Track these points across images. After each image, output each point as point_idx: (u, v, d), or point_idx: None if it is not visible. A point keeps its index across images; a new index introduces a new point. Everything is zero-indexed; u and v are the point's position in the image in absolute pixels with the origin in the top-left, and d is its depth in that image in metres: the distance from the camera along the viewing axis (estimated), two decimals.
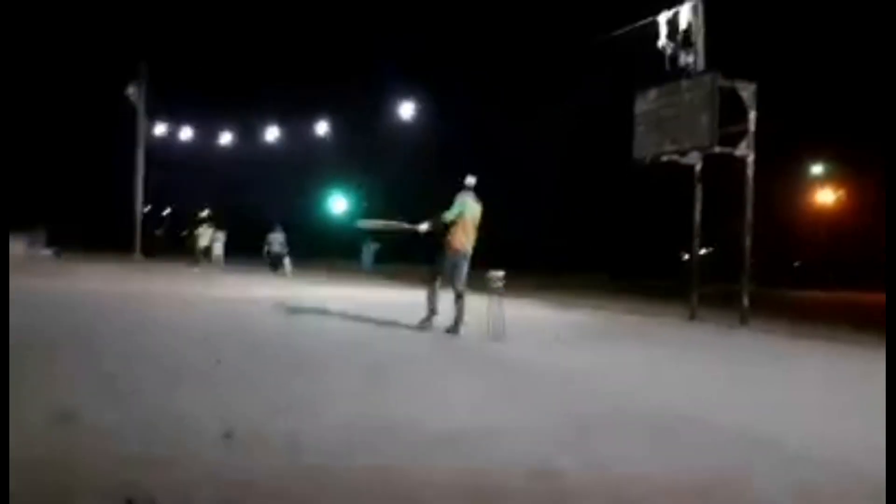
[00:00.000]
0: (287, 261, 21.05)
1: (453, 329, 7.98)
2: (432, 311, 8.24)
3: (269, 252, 21.50)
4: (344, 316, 9.89)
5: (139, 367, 5.10)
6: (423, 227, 8.33)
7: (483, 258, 8.61)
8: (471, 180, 8.35)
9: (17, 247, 25.67)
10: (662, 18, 12.21)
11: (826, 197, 44.49)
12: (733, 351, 8.49)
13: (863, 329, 11.36)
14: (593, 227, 60.61)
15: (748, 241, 11.78)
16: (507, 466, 3.19)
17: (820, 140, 40.90)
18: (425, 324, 8.20)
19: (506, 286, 8.34)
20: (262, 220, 23.84)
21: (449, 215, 8.10)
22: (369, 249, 30.00)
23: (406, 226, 8.49)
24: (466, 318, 8.07)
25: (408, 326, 8.56)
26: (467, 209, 8.17)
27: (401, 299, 13.19)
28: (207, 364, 5.32)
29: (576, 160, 58.87)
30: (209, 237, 18.08)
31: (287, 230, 21.86)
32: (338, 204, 50.44)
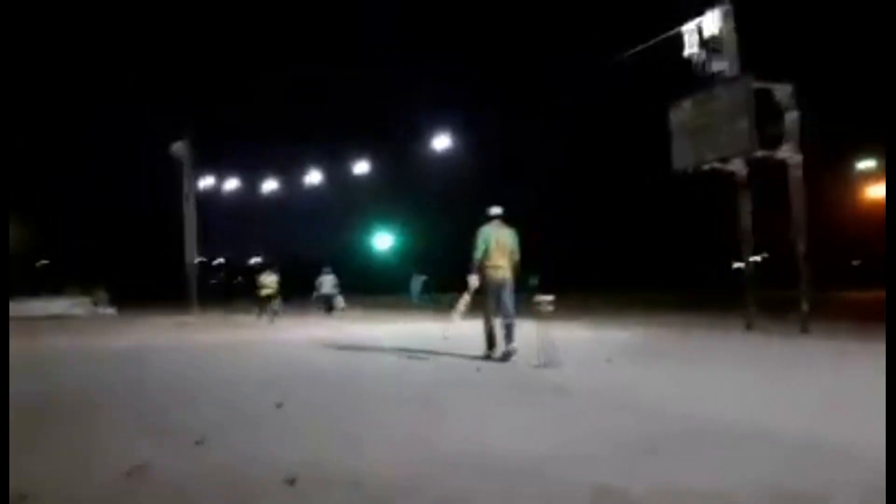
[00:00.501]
0: (339, 299, 21.68)
1: (506, 356, 8.21)
2: (490, 343, 8.57)
3: (320, 295, 21.98)
4: (400, 351, 9.95)
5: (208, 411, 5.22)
6: (473, 279, 8.58)
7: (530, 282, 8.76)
8: (495, 210, 8.71)
9: (79, 309, 26.67)
10: (688, 28, 12.16)
11: (879, 191, 43.05)
12: (794, 361, 8.23)
13: None
14: (641, 242, 59.86)
15: (801, 245, 11.49)
16: (571, 491, 3.17)
17: (868, 133, 39.79)
18: (488, 354, 8.52)
19: (554, 308, 8.30)
20: (310, 260, 24.36)
21: (476, 253, 8.45)
22: (418, 281, 30.26)
23: (471, 288, 8.71)
24: (517, 344, 8.20)
25: (461, 357, 8.59)
26: (490, 240, 8.48)
27: (454, 331, 13.21)
28: (269, 408, 5.43)
29: (616, 176, 58.48)
30: (273, 286, 18.68)
31: (336, 270, 22.40)
32: (382, 240, 50.99)
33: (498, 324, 8.52)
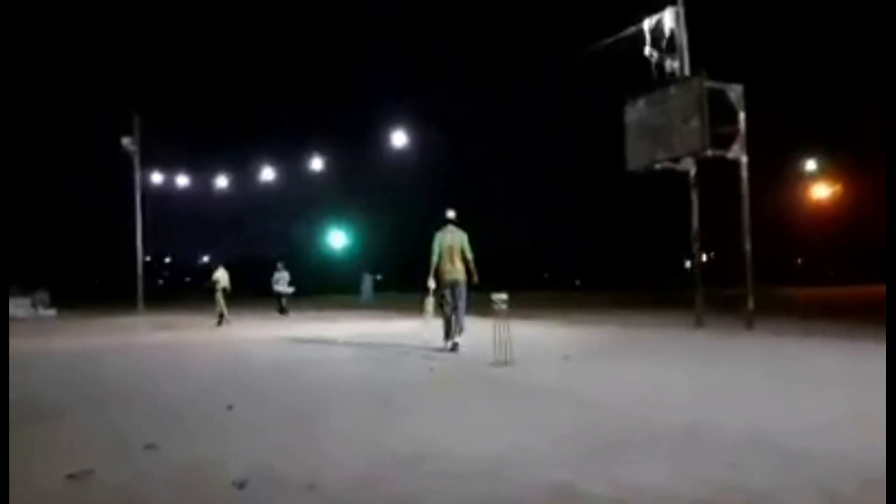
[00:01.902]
0: (284, 301, 20.51)
1: (453, 347, 9.07)
2: (446, 334, 9.29)
3: (277, 292, 20.67)
4: (353, 350, 9.85)
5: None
6: (431, 282, 9.40)
7: (484, 279, 9.05)
8: (448, 214, 9.47)
9: (20, 311, 25.69)
10: (646, 26, 12.32)
11: (821, 192, 44.51)
12: (740, 357, 8.40)
13: (864, 323, 11.33)
14: (592, 239, 60.72)
15: (748, 244, 11.75)
16: (527, 492, 3.14)
17: (812, 136, 41.15)
18: (445, 345, 9.20)
19: (510, 306, 8.31)
20: (263, 258, 23.78)
21: (432, 258, 9.31)
22: (368, 281, 29.99)
23: (430, 290, 9.48)
24: (473, 340, 8.83)
25: (416, 356, 8.55)
26: (442, 245, 9.28)
27: (405, 329, 13.15)
28: (221, 410, 5.29)
29: (570, 173, 59.23)
30: (226, 279, 17.61)
31: (289, 267, 21.22)
32: (336, 238, 50.58)
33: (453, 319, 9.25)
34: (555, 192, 61.05)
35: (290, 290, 20.68)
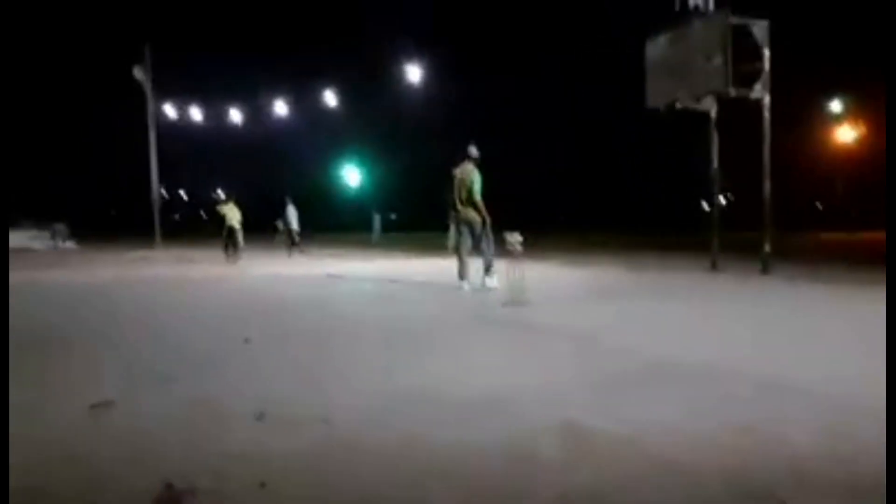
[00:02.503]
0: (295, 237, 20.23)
1: (460, 287, 9.14)
2: (460, 275, 9.30)
3: (287, 229, 20.44)
4: (364, 289, 9.94)
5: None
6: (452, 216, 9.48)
7: (499, 219, 9.02)
8: (470, 150, 9.36)
9: (38, 243, 26.04)
10: None
11: (846, 135, 43.57)
12: (754, 300, 8.40)
13: (876, 269, 11.22)
14: (609, 180, 60.16)
15: (767, 187, 11.57)
16: (537, 428, 3.19)
17: (837, 75, 40.00)
18: (459, 285, 9.22)
19: (525, 246, 8.31)
20: (276, 195, 23.57)
21: (448, 194, 9.38)
22: (378, 220, 29.88)
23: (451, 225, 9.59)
24: (471, 281, 9.11)
25: (428, 294, 8.62)
26: (454, 181, 9.28)
27: (415, 268, 13.22)
28: (238, 344, 5.39)
29: (587, 111, 58.21)
30: (236, 218, 17.34)
31: (297, 204, 20.83)
32: (351, 175, 50.41)
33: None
34: (573, 129, 60.12)
35: (291, 227, 20.31)
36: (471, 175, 9.17)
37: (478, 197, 9.13)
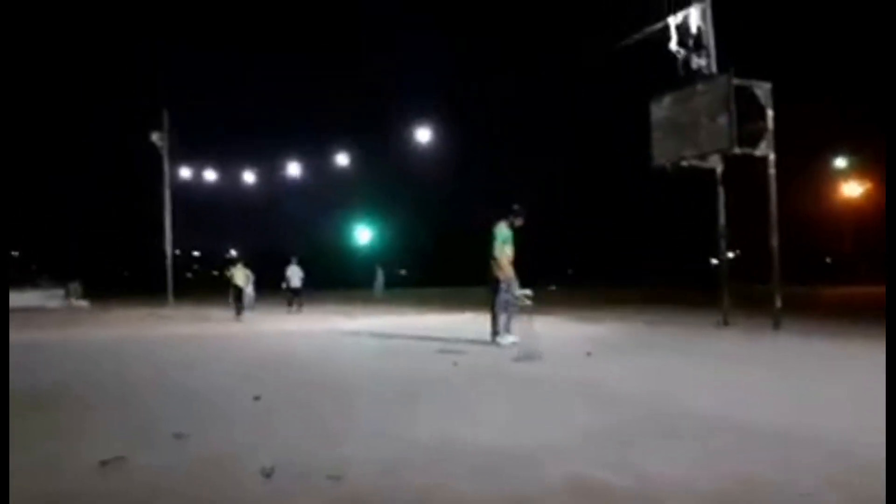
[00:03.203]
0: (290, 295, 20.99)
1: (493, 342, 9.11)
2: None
3: (289, 288, 21.21)
4: (374, 345, 9.94)
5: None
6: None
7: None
8: (513, 208, 9.25)
9: (53, 301, 26.32)
10: (672, 22, 12.22)
11: (852, 190, 43.74)
12: (766, 357, 8.35)
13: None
14: (618, 237, 60.33)
15: (775, 242, 11.63)
16: (547, 482, 3.18)
17: (841, 133, 40.44)
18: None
19: (534, 302, 8.35)
20: (286, 254, 23.91)
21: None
22: (381, 275, 29.73)
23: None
24: (502, 339, 8.90)
25: (438, 350, 8.62)
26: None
27: (425, 323, 13.23)
28: (247, 401, 5.40)
29: (595, 169, 58.85)
30: (243, 278, 18.09)
31: (303, 264, 21.64)
32: (362, 234, 50.84)
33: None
34: (581, 188, 60.70)
35: (301, 284, 21.11)
36: (495, 231, 9.12)
37: (497, 253, 9.03)
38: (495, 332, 9.18)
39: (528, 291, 8.44)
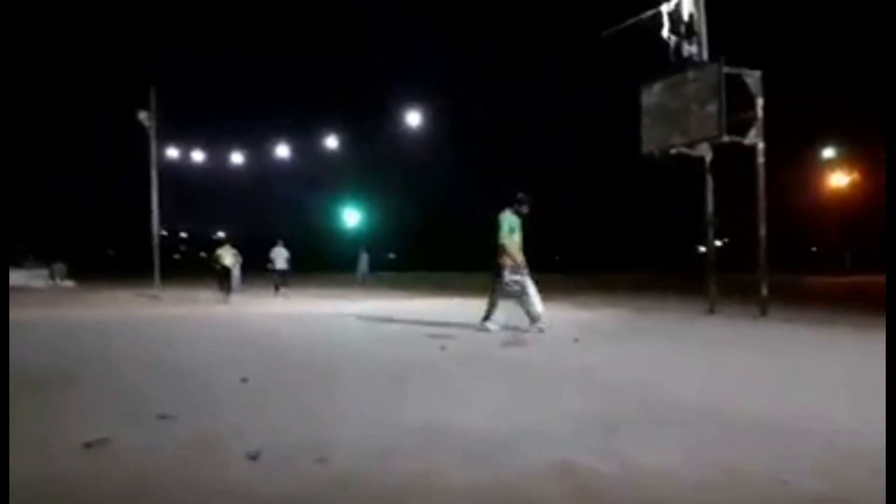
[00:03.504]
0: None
1: (480, 328, 9.14)
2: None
3: (275, 270, 20.92)
4: (360, 327, 9.94)
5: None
6: None
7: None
8: (519, 196, 9.18)
9: (38, 281, 26.12)
10: (665, 9, 12.18)
11: (839, 180, 44.04)
12: (752, 344, 8.42)
13: (877, 313, 11.25)
14: (606, 223, 60.53)
15: (763, 231, 11.70)
16: (535, 469, 3.20)
17: (830, 123, 40.62)
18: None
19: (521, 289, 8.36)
20: (273, 236, 23.78)
21: None
22: (364, 259, 29.44)
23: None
24: (492, 325, 8.93)
25: (424, 335, 8.63)
26: None
27: (413, 307, 13.23)
28: (234, 383, 5.39)
29: (584, 157, 58.94)
30: (231, 258, 17.92)
31: (289, 246, 21.33)
32: (350, 217, 50.67)
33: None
34: (569, 173, 60.75)
35: (288, 266, 20.82)
36: (500, 219, 9.08)
37: (505, 241, 8.99)
38: (486, 318, 9.20)
39: (515, 276, 8.47)
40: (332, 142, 26.57)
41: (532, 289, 8.92)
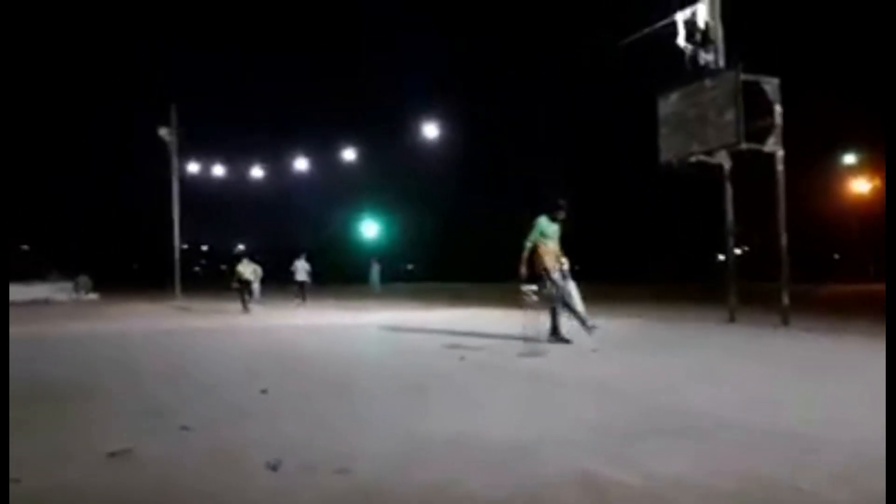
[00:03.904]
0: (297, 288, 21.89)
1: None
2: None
3: (295, 281, 22.01)
4: (380, 338, 9.98)
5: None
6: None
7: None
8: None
9: (62, 294, 26.48)
10: (680, 18, 12.18)
11: (861, 186, 43.49)
12: (773, 353, 8.33)
13: None
14: (624, 234, 60.20)
15: (784, 239, 11.59)
16: (553, 479, 3.20)
17: (850, 129, 40.19)
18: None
19: (538, 298, 8.36)
20: (294, 248, 24.29)
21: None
22: (376, 269, 29.85)
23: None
24: (504, 330, 8.37)
25: (443, 344, 8.63)
26: None
27: (429, 318, 13.23)
28: (255, 394, 5.43)
29: (602, 165, 58.74)
30: (251, 272, 18.59)
31: (310, 258, 22.51)
32: (369, 229, 50.85)
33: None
34: (588, 182, 60.56)
35: (308, 278, 21.99)
36: (535, 223, 8.84)
37: (532, 242, 8.73)
38: (555, 328, 8.82)
39: (532, 286, 8.45)
40: (349, 154, 26.75)
41: (574, 293, 8.67)
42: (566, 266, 8.81)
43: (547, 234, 8.82)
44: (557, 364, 7.07)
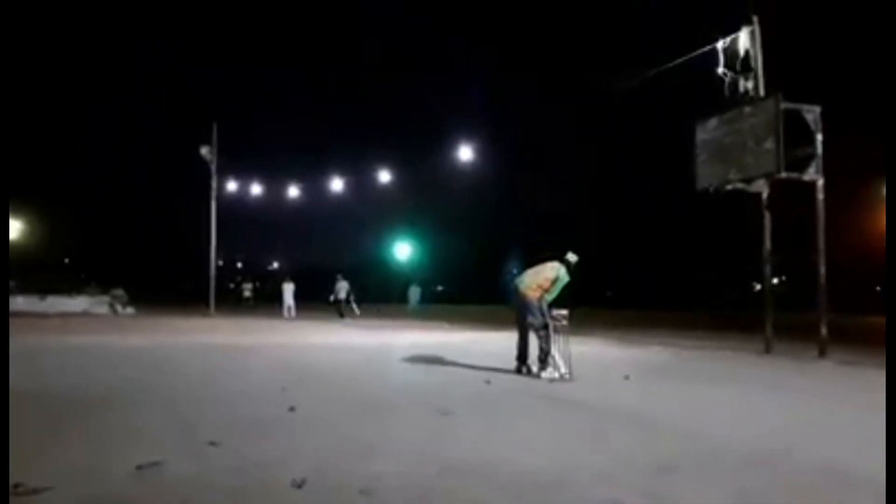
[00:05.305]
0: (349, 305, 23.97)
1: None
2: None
3: (336, 300, 23.93)
4: (411, 360, 9.96)
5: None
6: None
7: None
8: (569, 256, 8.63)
9: (99, 307, 27.08)
10: (720, 46, 12.11)
11: None
12: (810, 386, 8.11)
13: None
14: (659, 261, 59.49)
15: (822, 269, 11.34)
16: None
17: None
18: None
19: (571, 323, 8.27)
20: (328, 268, 25.02)
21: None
22: (416, 290, 30.73)
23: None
24: (533, 357, 8.30)
25: (472, 368, 8.58)
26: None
27: (459, 340, 13.18)
28: (283, 412, 5.45)
29: (640, 192, 58.32)
30: (290, 290, 20.05)
31: (349, 278, 24.43)
32: (402, 250, 51.02)
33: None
34: (622, 210, 60.17)
35: (349, 297, 24.18)
36: (554, 270, 8.51)
37: (542, 283, 8.42)
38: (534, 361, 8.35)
39: (563, 311, 8.36)
40: (384, 176, 26.95)
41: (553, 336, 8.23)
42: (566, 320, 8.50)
43: (558, 284, 8.46)
44: (588, 391, 6.97)
